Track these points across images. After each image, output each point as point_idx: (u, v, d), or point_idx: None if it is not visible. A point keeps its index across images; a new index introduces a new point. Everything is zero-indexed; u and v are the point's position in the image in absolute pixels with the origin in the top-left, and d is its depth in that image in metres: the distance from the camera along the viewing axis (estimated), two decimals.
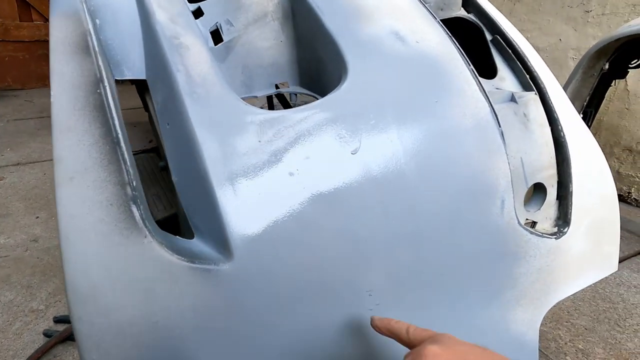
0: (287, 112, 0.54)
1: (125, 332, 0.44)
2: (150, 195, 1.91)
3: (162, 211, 1.76)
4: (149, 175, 2.11)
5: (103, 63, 0.58)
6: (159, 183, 1.97)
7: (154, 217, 1.34)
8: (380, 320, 0.48)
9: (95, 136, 0.50)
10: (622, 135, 2.10)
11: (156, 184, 2.00)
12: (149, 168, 2.16)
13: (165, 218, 1.65)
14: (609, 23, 2.04)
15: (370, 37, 0.61)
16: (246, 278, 0.47)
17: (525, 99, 0.64)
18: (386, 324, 0.47)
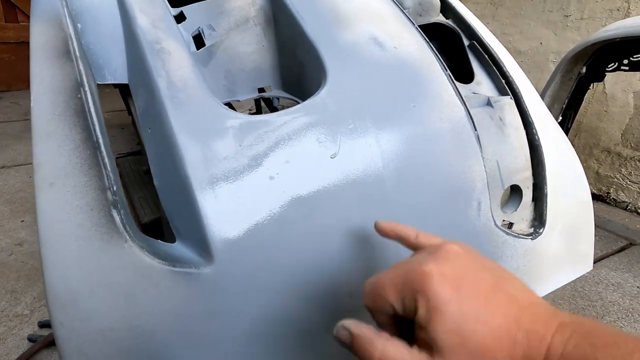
0: (267, 117, 0.54)
1: (106, 336, 0.44)
2: (137, 199, 1.89)
3: (149, 214, 1.74)
4: (135, 178, 2.09)
5: (84, 67, 0.58)
6: (146, 186, 1.95)
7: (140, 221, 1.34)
8: (387, 223, 0.46)
9: (76, 141, 0.51)
10: (601, 136, 2.15)
11: (143, 187, 1.98)
12: (135, 171, 2.14)
13: (151, 221, 1.64)
14: (588, 27, 2.09)
15: (350, 42, 0.62)
16: (227, 281, 0.48)
17: (500, 104, 0.66)
18: (393, 227, 0.45)
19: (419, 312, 0.33)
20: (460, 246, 0.37)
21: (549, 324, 0.30)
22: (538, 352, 0.30)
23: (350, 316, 0.54)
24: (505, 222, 0.68)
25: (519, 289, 0.34)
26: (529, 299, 0.33)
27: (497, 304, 0.32)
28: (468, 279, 0.33)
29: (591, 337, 0.28)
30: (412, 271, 0.34)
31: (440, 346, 0.31)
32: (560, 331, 0.30)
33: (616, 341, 0.27)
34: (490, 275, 0.34)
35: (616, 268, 1.63)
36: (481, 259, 0.36)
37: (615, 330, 0.29)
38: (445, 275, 0.33)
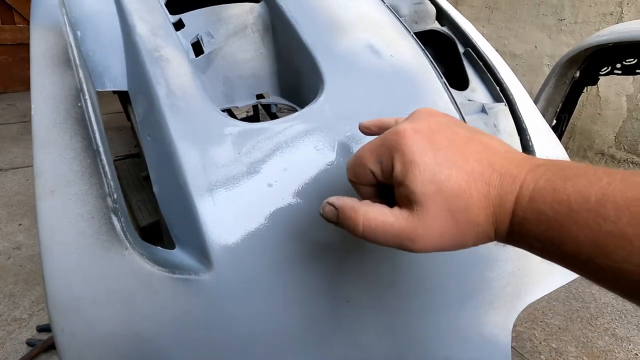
0: (266, 124, 0.55)
1: (107, 343, 0.45)
2: (135, 202, 1.90)
3: (147, 217, 1.75)
4: (134, 181, 2.09)
5: (84, 75, 0.59)
6: (144, 189, 1.95)
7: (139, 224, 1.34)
8: (368, 121, 0.47)
9: (77, 150, 0.51)
10: (595, 139, 2.18)
11: (141, 191, 1.99)
12: (134, 174, 2.15)
13: (150, 224, 1.65)
14: (581, 31, 2.11)
15: (346, 50, 0.63)
16: (226, 287, 0.49)
17: (495, 110, 0.67)
18: (375, 122, 0.46)
19: (395, 169, 0.33)
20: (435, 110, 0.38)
21: (522, 165, 0.31)
22: (511, 190, 0.30)
23: (347, 320, 0.55)
24: None
25: (495, 140, 0.34)
26: (504, 148, 0.33)
27: (471, 151, 0.32)
28: (441, 131, 0.34)
29: (563, 171, 0.29)
30: (389, 133, 0.35)
31: (418, 197, 0.32)
32: (533, 170, 0.30)
33: (586, 172, 0.28)
34: (464, 129, 0.35)
35: None
36: (457, 120, 0.37)
37: (587, 164, 0.29)
38: (418, 130, 0.34)
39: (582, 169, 0.28)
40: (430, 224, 0.32)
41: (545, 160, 0.31)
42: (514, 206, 0.30)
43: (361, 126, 0.48)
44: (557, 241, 0.28)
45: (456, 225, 0.31)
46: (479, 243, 0.33)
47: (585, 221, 0.26)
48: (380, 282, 0.57)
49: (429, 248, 0.33)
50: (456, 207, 0.31)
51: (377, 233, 0.34)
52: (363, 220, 0.34)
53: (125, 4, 0.67)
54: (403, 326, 0.59)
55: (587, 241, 0.26)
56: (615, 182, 0.26)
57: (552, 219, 0.28)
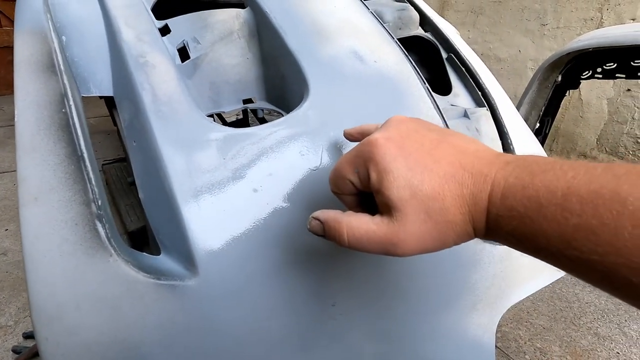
0: (250, 130, 0.56)
1: (92, 351, 0.45)
2: (123, 206, 1.88)
3: (136, 222, 1.74)
4: (122, 186, 2.07)
5: (69, 81, 0.58)
6: (133, 194, 1.94)
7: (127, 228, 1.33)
8: (352, 128, 0.49)
9: (61, 156, 0.51)
10: (577, 141, 2.22)
11: (130, 195, 1.97)
12: (122, 178, 2.12)
13: (138, 229, 1.63)
14: (563, 36, 2.16)
15: (331, 56, 0.64)
16: (212, 293, 0.49)
17: (477, 115, 0.68)
18: (357, 128, 0.48)
19: (372, 178, 0.35)
20: (405, 116, 0.39)
21: (492, 163, 0.32)
22: (483, 189, 0.31)
23: (334, 324, 0.55)
24: None
25: (464, 140, 0.36)
26: (474, 147, 0.34)
27: (442, 154, 0.34)
28: (412, 138, 0.35)
29: (530, 167, 0.30)
30: (362, 144, 0.36)
31: (395, 202, 0.33)
32: (503, 167, 0.31)
33: (553, 166, 0.29)
34: (434, 133, 0.36)
35: None
36: (427, 123, 0.39)
37: (554, 158, 0.30)
38: (389, 138, 0.35)
39: (550, 164, 0.29)
40: (410, 228, 0.33)
41: (514, 157, 0.32)
42: (487, 204, 0.31)
43: (345, 133, 0.49)
44: (529, 236, 0.29)
45: (435, 227, 0.33)
46: (460, 241, 0.34)
47: (553, 215, 0.27)
48: (366, 286, 0.58)
49: (412, 251, 0.34)
50: (432, 209, 0.32)
51: (361, 242, 0.35)
52: (347, 231, 0.36)
53: (111, 10, 0.67)
54: (388, 330, 0.60)
55: (556, 235, 0.27)
56: (579, 175, 0.27)
57: (523, 215, 0.29)
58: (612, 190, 0.25)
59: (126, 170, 2.20)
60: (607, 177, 0.25)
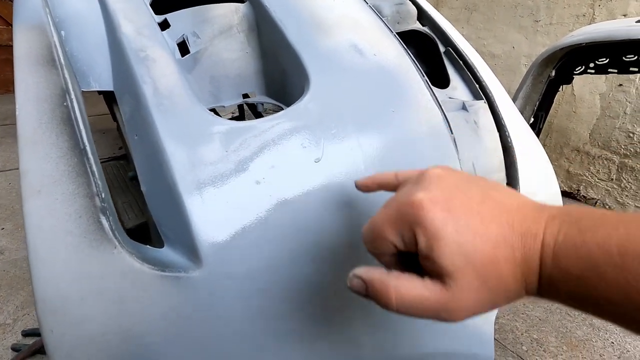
0: (253, 123, 0.56)
1: (97, 342, 0.45)
2: (121, 204, 1.87)
3: (134, 219, 1.72)
4: (119, 183, 2.06)
5: (69, 75, 0.58)
6: (130, 191, 1.93)
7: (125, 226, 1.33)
8: (365, 179, 0.47)
9: (63, 149, 0.51)
10: (571, 136, 2.24)
11: (127, 192, 1.95)
12: (119, 176, 2.11)
13: (136, 226, 1.63)
14: (556, 32, 2.18)
15: (330, 49, 0.64)
16: (216, 284, 0.49)
17: (475, 107, 0.69)
18: (372, 179, 0.46)
19: (420, 244, 0.33)
20: (441, 168, 0.38)
21: (538, 221, 0.31)
22: (534, 250, 0.30)
23: (336, 315, 0.56)
24: None
25: (506, 194, 0.35)
26: (516, 202, 0.34)
27: (490, 215, 0.32)
28: (457, 197, 0.34)
29: (578, 223, 0.29)
30: (404, 205, 0.34)
31: (449, 271, 0.32)
32: (549, 225, 0.30)
33: (602, 221, 0.28)
34: (476, 188, 0.35)
35: None
36: (463, 175, 0.37)
37: (601, 211, 0.30)
38: (435, 200, 0.33)
39: (597, 218, 0.29)
40: (465, 295, 0.32)
41: (558, 210, 0.32)
42: (539, 266, 0.31)
43: (359, 185, 0.47)
44: (589, 298, 0.28)
45: (489, 293, 0.32)
46: (511, 302, 0.33)
47: (612, 278, 0.26)
48: None
49: (465, 317, 0.33)
50: (487, 276, 0.31)
51: (411, 307, 0.33)
52: (396, 295, 0.34)
53: (110, 4, 0.67)
54: (387, 320, 0.60)
55: (618, 298, 0.26)
56: (632, 230, 0.26)
57: (579, 277, 0.28)
58: None
59: (123, 168, 2.19)
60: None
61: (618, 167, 2.08)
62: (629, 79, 1.95)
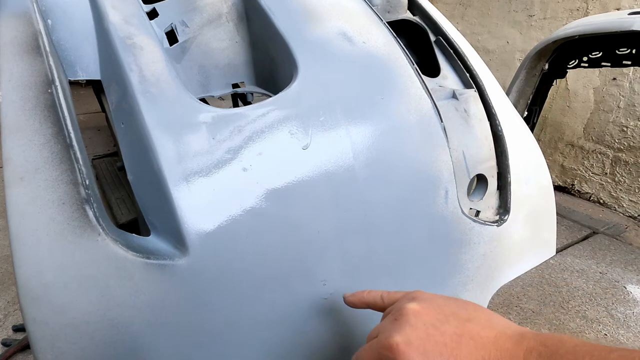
0: (239, 110, 0.55)
1: (81, 330, 0.44)
2: (114, 199, 1.86)
3: (127, 214, 1.72)
4: (112, 179, 2.06)
5: (55, 63, 0.57)
6: (124, 187, 1.92)
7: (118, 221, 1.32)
8: (353, 295, 0.49)
9: (47, 136, 0.50)
10: (565, 131, 2.25)
11: (120, 188, 1.95)
12: (112, 172, 2.11)
13: (129, 221, 1.62)
14: (550, 27, 2.18)
15: (320, 37, 0.64)
16: (202, 272, 0.49)
17: (465, 96, 0.68)
18: (359, 297, 0.48)
19: None
20: (419, 302, 0.39)
21: (515, 355, 0.32)
22: None
23: (324, 303, 0.55)
24: (473, 210, 0.71)
25: (483, 325, 0.36)
26: (494, 334, 0.35)
27: (465, 354, 0.34)
28: (433, 337, 0.35)
29: (554, 357, 0.30)
30: (383, 348, 0.37)
31: None
32: (527, 359, 0.31)
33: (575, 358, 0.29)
34: (453, 323, 0.36)
35: (580, 255, 1.70)
36: (440, 306, 0.39)
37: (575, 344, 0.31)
38: (410, 343, 0.35)
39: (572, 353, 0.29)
40: None
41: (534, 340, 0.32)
42: None
43: (346, 300, 0.50)
44: None
45: None
46: None
47: None
48: (357, 266, 0.58)
49: None
50: None
51: None
52: None
53: None
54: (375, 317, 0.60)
55: None
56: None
57: None
58: None
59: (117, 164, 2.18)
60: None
61: (612, 161, 2.09)
62: (623, 72, 1.96)
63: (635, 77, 1.91)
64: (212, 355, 0.50)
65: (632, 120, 1.96)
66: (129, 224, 1.60)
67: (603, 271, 1.60)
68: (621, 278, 1.56)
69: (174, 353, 0.49)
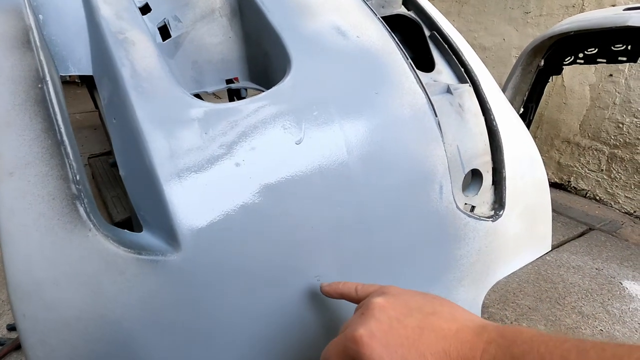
0: (232, 104, 0.55)
1: (72, 327, 0.44)
2: (110, 198, 1.86)
3: (122, 212, 1.72)
4: (108, 177, 2.05)
5: (46, 58, 0.57)
6: (119, 185, 1.92)
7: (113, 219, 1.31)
8: (329, 285, 0.50)
9: (37, 131, 0.50)
10: (561, 128, 2.25)
11: (116, 186, 1.95)
12: (108, 170, 2.10)
13: (124, 220, 1.61)
14: (546, 23, 2.18)
15: (313, 32, 0.63)
16: (195, 268, 0.48)
17: (460, 91, 0.68)
18: (335, 287, 0.50)
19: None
20: (386, 297, 0.41)
21: (475, 347, 0.33)
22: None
23: (319, 302, 0.55)
24: (468, 206, 0.71)
25: (446, 318, 0.37)
26: (456, 326, 0.36)
27: (426, 345, 0.35)
28: (395, 330, 0.37)
29: (512, 348, 0.31)
30: (348, 340, 0.38)
31: None
32: (487, 350, 0.33)
33: (530, 347, 0.30)
34: (416, 316, 0.38)
35: (576, 252, 1.71)
36: (406, 301, 0.40)
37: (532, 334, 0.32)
38: (373, 335, 0.37)
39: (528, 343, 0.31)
40: None
41: (495, 332, 0.34)
42: None
43: (322, 290, 0.51)
44: None
45: None
46: None
47: None
48: (351, 260, 0.57)
49: None
50: None
51: None
52: None
53: None
54: None
55: None
56: None
57: None
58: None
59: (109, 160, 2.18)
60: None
61: (608, 157, 2.09)
62: (618, 69, 1.96)
63: (631, 74, 1.92)
64: (204, 350, 0.50)
65: (628, 116, 1.97)
66: (124, 222, 1.60)
67: (599, 267, 1.60)
68: (617, 274, 1.56)
69: (166, 349, 0.48)
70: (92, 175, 2.08)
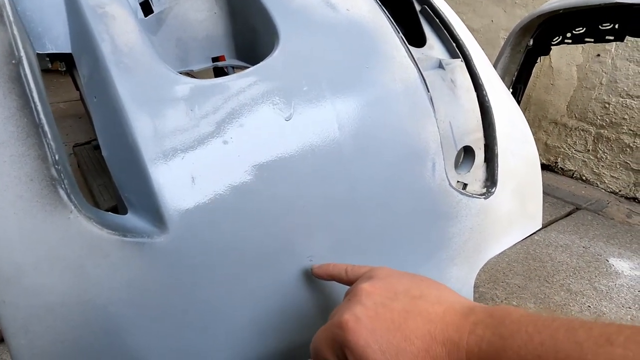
0: (218, 80, 0.53)
1: (55, 312, 0.42)
2: (96, 186, 1.83)
3: (109, 200, 1.69)
4: (94, 166, 2.02)
5: (20, 34, 0.54)
6: (106, 174, 1.88)
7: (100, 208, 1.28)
8: (319, 267, 0.50)
9: (11, 109, 0.47)
10: (549, 109, 2.26)
11: (103, 174, 1.91)
12: (94, 159, 2.06)
13: (111, 208, 1.59)
14: (534, 4, 2.17)
15: (301, 5, 0.61)
16: (182, 250, 0.47)
17: (452, 66, 0.67)
18: (325, 269, 0.50)
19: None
20: (373, 281, 0.41)
21: (462, 328, 0.33)
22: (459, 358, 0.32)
23: (312, 283, 0.54)
24: (460, 183, 0.70)
25: (432, 301, 0.37)
26: (442, 309, 0.36)
27: (412, 328, 0.35)
28: (381, 315, 0.37)
29: (499, 328, 0.31)
30: (334, 326, 0.38)
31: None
32: (473, 331, 0.32)
33: (518, 327, 0.30)
34: (403, 300, 0.38)
35: (564, 231, 1.73)
36: (393, 284, 0.40)
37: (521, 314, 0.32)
38: (359, 320, 0.37)
39: (516, 323, 0.31)
40: None
41: (482, 313, 0.34)
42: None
43: (313, 272, 0.52)
44: None
45: None
46: None
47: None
48: (344, 240, 0.57)
49: None
50: None
51: None
52: None
53: None
54: None
55: None
56: (546, 342, 0.28)
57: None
58: None
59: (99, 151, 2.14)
60: (570, 345, 0.27)
61: (594, 138, 2.11)
62: (605, 49, 1.97)
63: (618, 54, 1.92)
64: (193, 334, 0.49)
65: (614, 96, 1.98)
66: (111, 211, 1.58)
67: (586, 245, 1.63)
68: (604, 252, 1.59)
69: (154, 334, 0.47)
70: (78, 164, 2.04)
